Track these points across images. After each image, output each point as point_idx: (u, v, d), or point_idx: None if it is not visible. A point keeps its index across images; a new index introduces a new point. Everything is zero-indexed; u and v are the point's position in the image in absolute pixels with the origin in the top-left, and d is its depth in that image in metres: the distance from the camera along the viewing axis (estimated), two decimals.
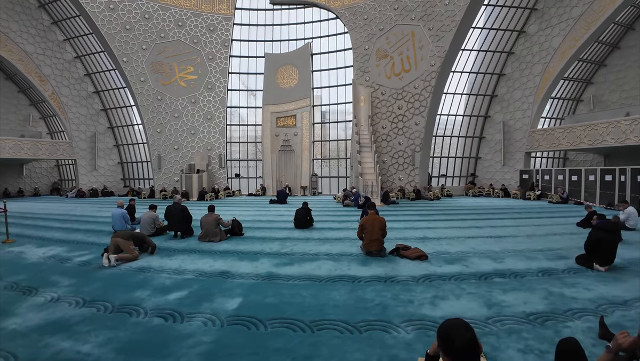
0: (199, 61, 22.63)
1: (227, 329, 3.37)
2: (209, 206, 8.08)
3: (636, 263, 5.88)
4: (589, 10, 17.79)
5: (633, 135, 15.41)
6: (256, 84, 25.68)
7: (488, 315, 3.69)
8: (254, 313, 3.71)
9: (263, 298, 4.19)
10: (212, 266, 5.63)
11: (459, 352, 1.55)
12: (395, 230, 8.89)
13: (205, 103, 22.96)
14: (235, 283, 4.76)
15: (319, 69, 24.74)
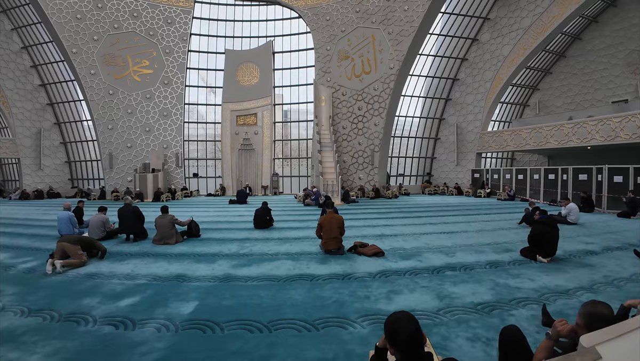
0: (155, 54, 21.66)
1: (182, 334, 3.28)
2: (162, 207, 7.68)
3: (576, 254, 6.41)
4: (538, 21, 19.21)
5: (575, 137, 16.83)
6: (216, 81, 24.97)
7: (439, 307, 3.88)
8: (211, 316, 3.64)
9: (220, 300, 4.11)
10: (167, 269, 5.42)
11: (404, 343, 1.64)
12: (355, 228, 9.09)
13: (162, 99, 21.98)
14: (191, 286, 4.63)
15: (281, 67, 24.60)
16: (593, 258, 6.21)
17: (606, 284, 4.70)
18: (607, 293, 4.38)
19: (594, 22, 21.50)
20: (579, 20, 21.16)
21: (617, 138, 15.03)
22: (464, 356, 2.84)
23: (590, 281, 4.87)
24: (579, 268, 5.51)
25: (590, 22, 21.62)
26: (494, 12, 21.87)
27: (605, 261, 5.95)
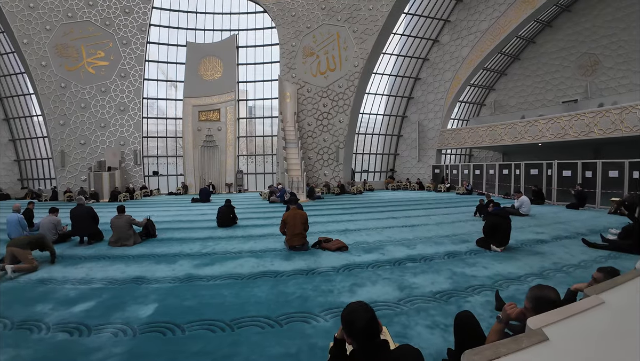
0: (111, 45, 20.44)
1: (140, 338, 3.16)
2: (119, 207, 7.29)
3: (527, 243, 6.83)
4: (495, 24, 20.10)
5: (527, 135, 17.82)
6: (176, 75, 23.88)
7: (400, 297, 4.00)
8: (171, 318, 3.52)
9: (181, 301, 3.99)
10: (125, 272, 5.18)
11: (359, 332, 1.67)
12: (320, 224, 9.15)
13: (118, 93, 20.79)
14: (150, 288, 4.46)
15: (245, 62, 24.07)
16: (543, 246, 6.63)
17: (555, 271, 5.03)
18: (556, 278, 4.68)
19: (548, 27, 22.74)
20: (534, 24, 22.30)
21: (566, 136, 16.05)
22: (423, 343, 2.94)
23: (541, 268, 5.19)
24: (530, 256, 5.87)
25: (545, 27, 22.85)
26: (454, 15, 22.68)
27: (555, 249, 6.38)
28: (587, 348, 1.50)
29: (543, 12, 19.71)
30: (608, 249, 6.31)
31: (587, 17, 20.62)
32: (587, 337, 1.61)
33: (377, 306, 3.71)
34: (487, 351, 1.36)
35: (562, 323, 1.71)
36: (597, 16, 20.08)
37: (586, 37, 20.81)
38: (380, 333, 1.74)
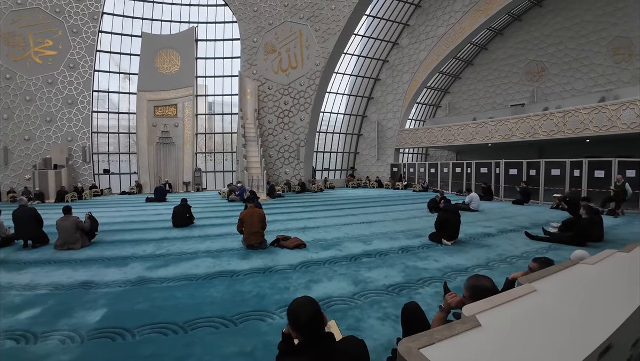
0: (60, 34, 19.05)
1: (89, 344, 3.02)
2: (65, 208, 6.80)
3: (476, 237, 7.25)
4: (451, 30, 21.01)
5: (478, 136, 18.83)
6: (130, 67, 22.56)
7: (355, 291, 4.11)
8: (121, 323, 3.38)
9: (132, 305, 3.84)
10: (72, 277, 4.88)
11: (304, 325, 1.72)
12: (279, 222, 9.14)
13: (66, 85, 19.41)
14: (99, 293, 4.24)
15: (204, 56, 23.31)
16: (490, 239, 7.08)
17: (500, 262, 5.39)
18: (500, 269, 5.01)
19: (500, 35, 24.06)
20: (487, 32, 23.50)
21: (514, 137, 17.16)
22: (375, 334, 3.05)
23: (487, 259, 5.55)
24: (477, 249, 6.24)
25: (496, 35, 24.15)
26: (413, 19, 23.47)
27: (500, 241, 6.83)
28: (516, 333, 1.61)
29: (495, 20, 20.86)
30: (549, 241, 6.83)
31: (536, 26, 22.04)
32: (517, 322, 1.71)
33: (332, 301, 3.79)
34: (423, 338, 1.45)
35: (494, 310, 1.82)
36: (546, 25, 21.51)
37: (534, 45, 22.26)
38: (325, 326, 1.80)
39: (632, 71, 17.73)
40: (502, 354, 1.43)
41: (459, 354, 1.39)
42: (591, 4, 19.12)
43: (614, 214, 10.47)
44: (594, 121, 13.83)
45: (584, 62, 19.84)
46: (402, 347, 1.37)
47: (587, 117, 14.08)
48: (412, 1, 22.78)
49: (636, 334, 2.15)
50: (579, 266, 2.84)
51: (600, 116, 13.63)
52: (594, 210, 6.88)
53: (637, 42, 17.41)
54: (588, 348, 1.46)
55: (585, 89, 19.57)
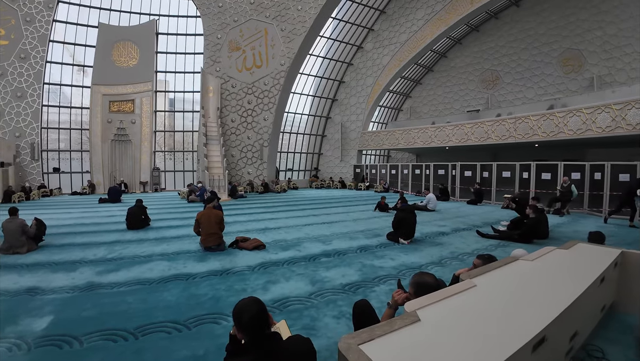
0: (13, 22, 17.73)
1: (35, 352, 2.86)
2: (10, 209, 6.34)
3: (431, 236, 7.56)
4: (413, 37, 21.65)
5: (436, 139, 19.55)
6: (85, 59, 21.12)
7: (312, 291, 4.16)
8: (68, 330, 3.22)
9: (80, 311, 3.66)
10: (17, 283, 4.57)
11: (247, 325, 1.73)
12: (239, 223, 9.02)
13: (16, 77, 18.04)
14: (46, 299, 4.00)
15: (165, 51, 22.41)
16: (444, 238, 7.41)
17: (452, 259, 5.66)
18: (452, 265, 5.25)
19: (458, 44, 25.06)
20: (446, 40, 24.40)
21: (469, 141, 17.99)
22: (330, 333, 3.11)
23: (440, 256, 5.80)
24: (432, 247, 6.51)
25: (455, 43, 25.13)
26: (377, 25, 23.99)
27: (453, 240, 7.17)
28: (453, 327, 1.71)
29: (455, 30, 21.71)
30: (498, 239, 7.27)
31: (492, 37, 23.20)
32: (456, 316, 1.82)
33: (289, 302, 3.81)
34: (363, 334, 1.51)
35: (435, 305, 1.92)
36: (501, 37, 22.71)
37: (490, 55, 23.44)
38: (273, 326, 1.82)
39: (580, 81, 19.09)
40: (438, 347, 1.50)
41: (397, 349, 1.46)
42: (544, 18, 20.43)
43: (560, 214, 11.30)
44: (543, 127, 14.80)
45: (535, 72, 21.16)
46: (342, 344, 1.42)
47: (537, 123, 15.05)
48: (377, 7, 23.27)
49: (574, 327, 2.34)
50: (518, 262, 3.03)
51: (549, 123, 14.61)
52: (539, 210, 7.36)
53: (586, 53, 18.78)
54: (521, 340, 1.57)
55: (536, 97, 20.86)
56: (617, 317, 3.37)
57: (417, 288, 2.29)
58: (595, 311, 2.99)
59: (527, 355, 1.60)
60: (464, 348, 1.51)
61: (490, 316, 1.89)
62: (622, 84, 16.77)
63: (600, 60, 18.21)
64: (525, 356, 1.58)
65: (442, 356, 1.44)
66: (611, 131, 12.41)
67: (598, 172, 11.83)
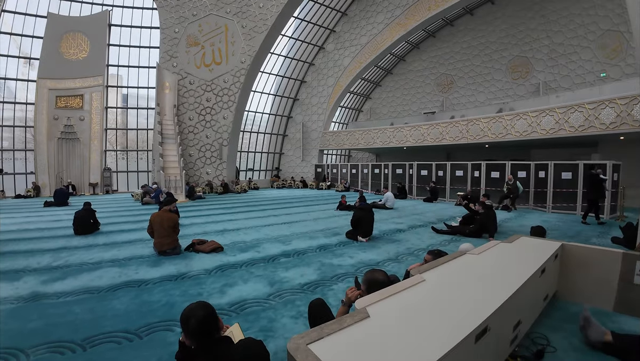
0: None
1: None
2: None
3: (388, 233, 7.79)
4: (373, 40, 22.17)
5: (395, 139, 20.21)
6: (32, 51, 19.46)
7: (270, 292, 4.13)
8: (13, 343, 2.99)
9: (25, 323, 3.40)
10: None
11: (195, 330, 1.70)
12: (197, 225, 8.76)
13: None
14: None
15: (119, 44, 21.20)
16: (401, 234, 7.66)
17: (408, 255, 5.86)
18: (408, 261, 5.44)
19: (416, 48, 25.98)
20: (405, 45, 25.19)
21: (425, 141, 18.75)
22: (288, 333, 3.10)
23: (396, 253, 5.99)
24: (389, 244, 6.71)
25: (413, 48, 26.03)
26: (339, 26, 24.30)
27: (409, 236, 7.43)
28: (401, 321, 1.77)
29: (413, 35, 22.57)
30: (451, 234, 7.67)
31: (448, 43, 24.29)
32: (404, 311, 1.89)
33: (246, 304, 3.77)
34: (312, 333, 1.52)
35: (385, 301, 1.98)
36: (456, 43, 23.82)
37: (445, 60, 24.51)
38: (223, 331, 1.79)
39: (527, 87, 20.51)
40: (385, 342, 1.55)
41: (346, 346, 1.49)
42: (496, 27, 21.71)
43: (508, 209, 12.07)
44: (492, 129, 15.73)
45: (487, 78, 22.44)
46: (291, 344, 1.42)
47: (487, 125, 15.96)
48: (339, 9, 23.55)
49: (518, 316, 2.49)
50: (465, 256, 3.20)
51: (498, 125, 15.54)
52: (488, 206, 7.80)
53: (533, 61, 20.18)
54: (464, 331, 1.66)
55: (486, 101, 22.11)
56: (560, 305, 3.62)
57: (369, 285, 2.35)
58: (538, 301, 3.20)
59: (471, 345, 1.68)
60: (410, 342, 1.57)
61: (437, 309, 1.97)
62: (566, 89, 18.19)
63: (546, 67, 19.64)
64: (469, 346, 1.66)
65: (389, 351, 1.48)
66: (555, 132, 13.45)
67: (542, 171, 12.72)
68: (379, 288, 2.19)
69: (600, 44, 17.19)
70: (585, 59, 17.88)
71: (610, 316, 3.34)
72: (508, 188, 12.40)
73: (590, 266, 3.57)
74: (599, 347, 2.71)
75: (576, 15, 18.07)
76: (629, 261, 3.33)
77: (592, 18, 17.41)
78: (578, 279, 3.65)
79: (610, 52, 16.84)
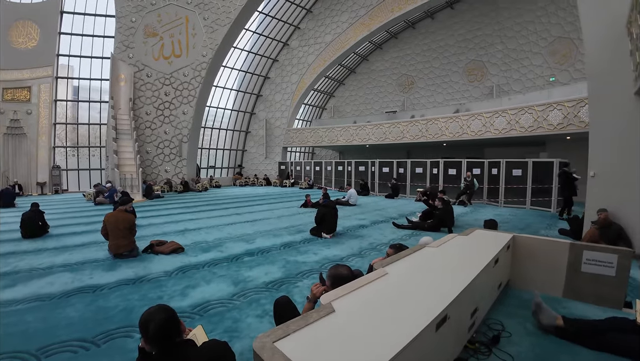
0: None
1: None
2: None
3: (352, 229, 7.95)
4: (337, 39, 22.30)
5: (357, 138, 20.55)
6: None
7: (234, 292, 4.08)
8: None
9: None
10: None
11: (154, 336, 1.65)
12: (155, 226, 8.41)
13: None
14: None
15: (71, 32, 19.47)
16: (364, 230, 7.85)
17: (371, 250, 6.03)
18: (371, 256, 5.58)
19: (379, 49, 26.40)
20: (368, 45, 25.54)
21: (387, 139, 19.20)
22: (253, 333, 3.08)
23: (360, 248, 6.14)
24: (352, 239, 6.86)
25: (376, 48, 26.42)
26: (304, 23, 24.20)
27: (372, 232, 7.63)
28: (366, 314, 1.82)
29: (376, 35, 22.90)
30: (411, 229, 7.98)
31: (409, 45, 24.93)
32: (368, 304, 1.94)
33: (210, 305, 3.70)
34: (278, 331, 1.53)
35: (349, 295, 2.03)
36: (417, 45, 24.51)
37: (407, 61, 25.17)
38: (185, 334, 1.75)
39: (482, 89, 21.55)
40: (351, 335, 1.59)
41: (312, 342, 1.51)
42: (454, 31, 22.57)
43: (464, 204, 12.71)
44: (450, 128, 16.41)
45: (445, 80, 23.32)
46: (257, 343, 1.42)
47: (444, 125, 16.63)
48: (304, 5, 23.44)
49: (474, 304, 2.63)
50: (425, 249, 3.34)
51: (454, 125, 16.23)
52: (446, 201, 8.16)
53: (488, 65, 21.23)
54: (425, 320, 1.74)
55: (444, 102, 22.98)
56: (513, 293, 3.87)
57: (333, 281, 2.39)
58: (493, 289, 3.40)
59: (432, 334, 1.77)
60: (374, 333, 1.61)
61: (399, 300, 2.05)
62: (517, 92, 19.33)
63: (500, 71, 20.75)
64: (430, 334, 1.75)
65: (355, 343, 1.53)
66: (506, 132, 14.31)
67: (495, 168, 13.53)
68: (344, 282, 2.23)
69: (551, 50, 18.43)
70: (536, 64, 19.12)
71: (560, 302, 3.61)
72: (466, 184, 13.06)
73: (540, 256, 3.85)
74: (552, 331, 2.91)
75: (529, 22, 19.23)
76: (576, 251, 3.62)
77: (545, 25, 18.62)
78: (529, 268, 3.93)
79: (560, 57, 18.10)
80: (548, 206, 11.78)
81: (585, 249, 3.58)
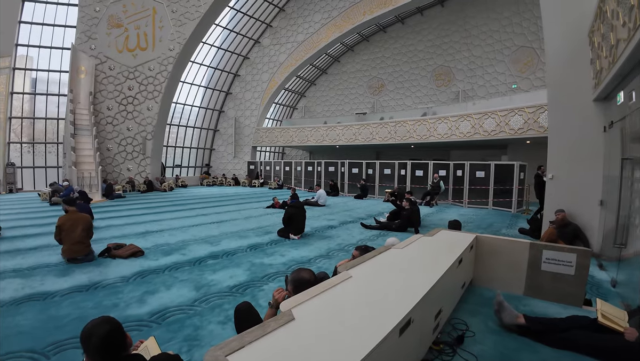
0: None
1: None
2: None
3: (320, 229, 7.92)
4: (309, 39, 22.34)
5: (328, 138, 20.67)
6: None
7: (196, 297, 3.92)
8: None
9: None
10: None
11: (96, 350, 1.53)
12: (115, 228, 8.01)
13: None
14: None
15: (31, 21, 18.12)
16: (332, 231, 7.86)
17: (339, 250, 6.03)
18: (339, 257, 5.58)
19: (350, 50, 26.71)
20: (340, 46, 25.71)
21: (356, 140, 19.42)
22: (215, 340, 2.95)
23: (328, 249, 6.12)
24: (320, 240, 6.84)
25: (348, 50, 26.70)
26: (276, 22, 23.99)
27: (340, 232, 7.66)
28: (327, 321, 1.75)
29: (348, 37, 23.13)
30: (379, 229, 8.09)
31: (380, 48, 25.39)
32: (330, 310, 1.87)
33: (169, 313, 3.54)
34: (232, 343, 1.43)
35: (311, 300, 1.96)
36: (387, 49, 25.00)
37: (377, 64, 25.62)
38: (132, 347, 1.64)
39: (448, 94, 22.33)
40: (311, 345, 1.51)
41: (269, 353, 1.42)
42: (424, 37, 23.24)
43: (430, 205, 13.02)
44: (417, 131, 16.82)
45: (413, 83, 23.97)
46: (208, 357, 1.32)
47: (412, 127, 17.03)
48: (277, 4, 23.23)
49: (439, 305, 2.64)
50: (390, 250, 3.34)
51: (422, 127, 16.65)
52: (413, 202, 8.31)
53: (455, 71, 22.03)
54: (388, 326, 1.69)
55: (413, 105, 23.56)
56: (476, 291, 3.98)
57: (295, 285, 2.33)
58: (457, 289, 3.47)
59: (395, 339, 1.73)
60: (335, 342, 1.55)
61: (362, 305, 2.00)
62: (481, 98, 20.24)
63: (465, 77, 21.59)
64: (393, 340, 1.71)
65: (315, 353, 1.46)
66: (471, 136, 14.85)
67: (459, 170, 14.01)
68: (306, 287, 2.17)
69: (514, 59, 19.40)
70: (500, 71, 20.06)
71: (521, 300, 3.75)
72: (432, 186, 13.42)
73: (502, 255, 4.00)
74: (514, 329, 3.00)
75: (494, 31, 20.10)
76: (536, 250, 3.79)
77: (509, 35, 19.57)
78: (491, 267, 4.07)
79: (522, 66, 19.10)
80: (509, 207, 12.32)
81: (545, 249, 3.75)
